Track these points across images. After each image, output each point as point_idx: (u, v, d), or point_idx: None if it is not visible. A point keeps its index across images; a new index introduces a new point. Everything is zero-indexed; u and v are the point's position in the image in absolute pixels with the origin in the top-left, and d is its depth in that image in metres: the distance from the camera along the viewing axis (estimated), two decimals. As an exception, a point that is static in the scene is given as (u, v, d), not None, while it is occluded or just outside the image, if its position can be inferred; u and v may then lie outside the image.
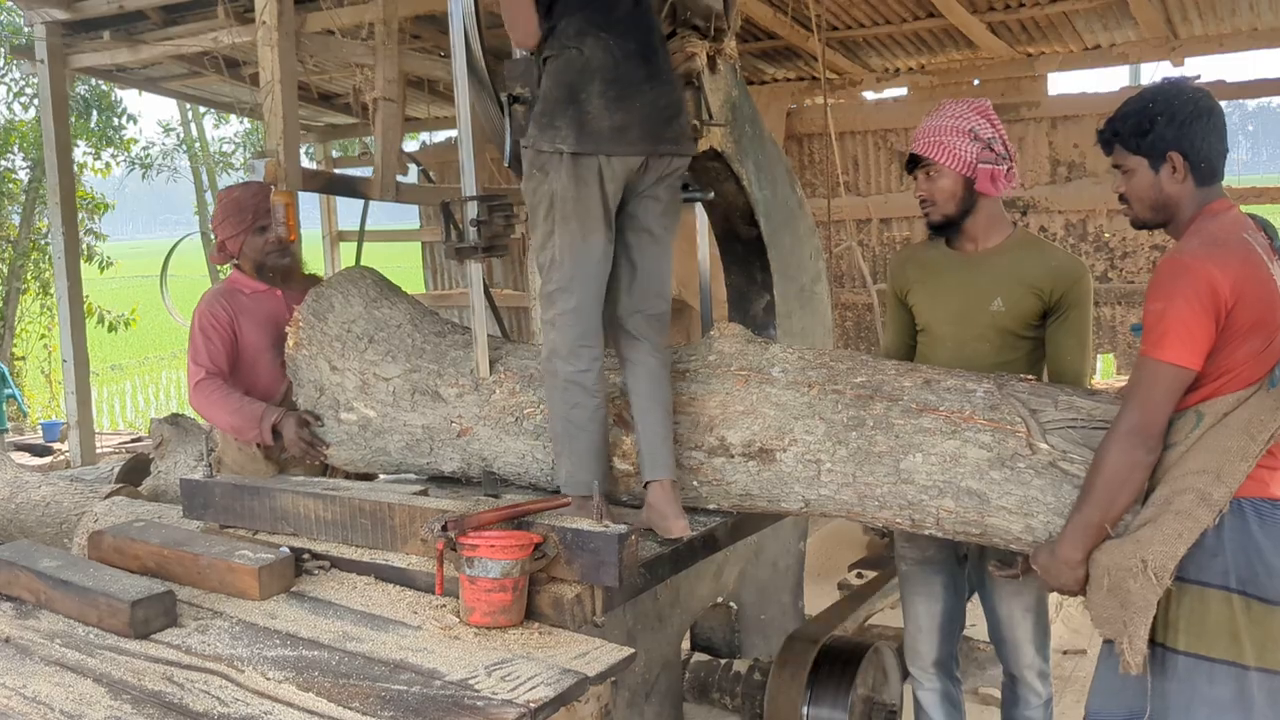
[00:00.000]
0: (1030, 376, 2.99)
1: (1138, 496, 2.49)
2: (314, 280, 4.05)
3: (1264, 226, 2.54)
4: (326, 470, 3.80)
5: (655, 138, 2.93)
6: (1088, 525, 2.51)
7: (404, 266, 12.13)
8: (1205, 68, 8.19)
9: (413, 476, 3.69)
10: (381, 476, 3.79)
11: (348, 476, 3.74)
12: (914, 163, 3.17)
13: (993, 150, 3.08)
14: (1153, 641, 2.49)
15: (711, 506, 3.20)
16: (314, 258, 4.10)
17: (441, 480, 3.61)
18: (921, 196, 3.17)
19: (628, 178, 2.97)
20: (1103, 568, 2.47)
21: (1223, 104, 2.71)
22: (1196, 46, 7.22)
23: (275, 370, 3.82)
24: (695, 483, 3.16)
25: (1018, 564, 2.90)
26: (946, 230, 3.19)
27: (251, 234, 3.87)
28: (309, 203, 8.96)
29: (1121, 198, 2.63)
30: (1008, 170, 3.10)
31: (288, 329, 3.73)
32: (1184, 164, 2.49)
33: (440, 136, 10.75)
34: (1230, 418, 2.43)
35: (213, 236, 4.14)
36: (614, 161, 2.93)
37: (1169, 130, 2.48)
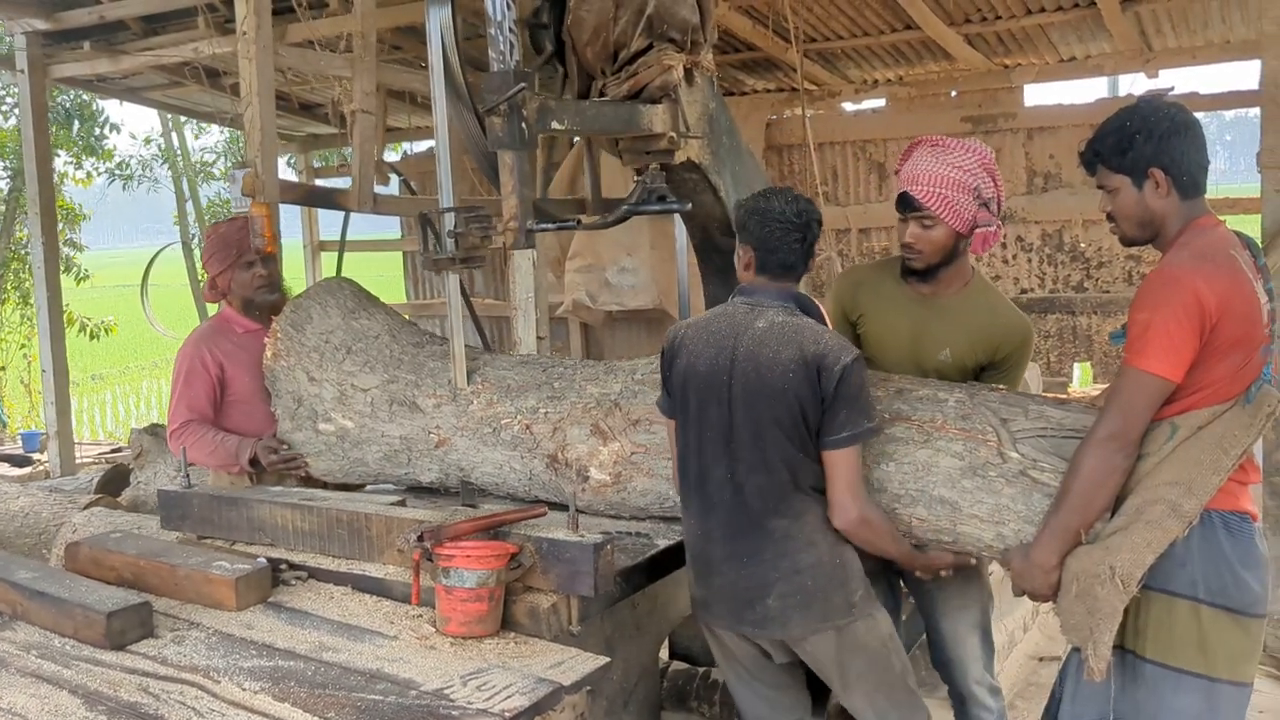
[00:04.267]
0: (1001, 386, 3.03)
1: (1112, 502, 2.52)
2: None
3: (1249, 244, 2.56)
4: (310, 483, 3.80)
5: (737, 618, 2.83)
6: (1064, 530, 2.53)
7: (385, 276, 12.13)
8: (1179, 80, 8.29)
9: (390, 487, 3.70)
10: (369, 488, 3.79)
11: (327, 487, 3.74)
12: (907, 204, 3.12)
13: (989, 210, 3.08)
14: (1123, 648, 2.53)
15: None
16: (295, 268, 4.09)
17: (420, 491, 3.63)
18: (909, 243, 3.13)
19: (741, 646, 2.91)
20: (1072, 573, 2.51)
21: (1200, 115, 2.75)
22: (1170, 59, 7.30)
23: (266, 413, 3.80)
24: (672, 491, 3.16)
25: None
26: (925, 275, 3.19)
27: (239, 269, 3.87)
28: (290, 213, 8.97)
29: (1109, 216, 2.66)
30: (996, 230, 3.13)
31: (265, 340, 3.74)
32: (1166, 179, 2.52)
33: (422, 146, 10.77)
34: (1204, 431, 2.46)
35: (201, 271, 4.15)
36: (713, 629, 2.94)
37: (1148, 147, 2.51)
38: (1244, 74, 6.76)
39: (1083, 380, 8.19)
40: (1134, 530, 2.44)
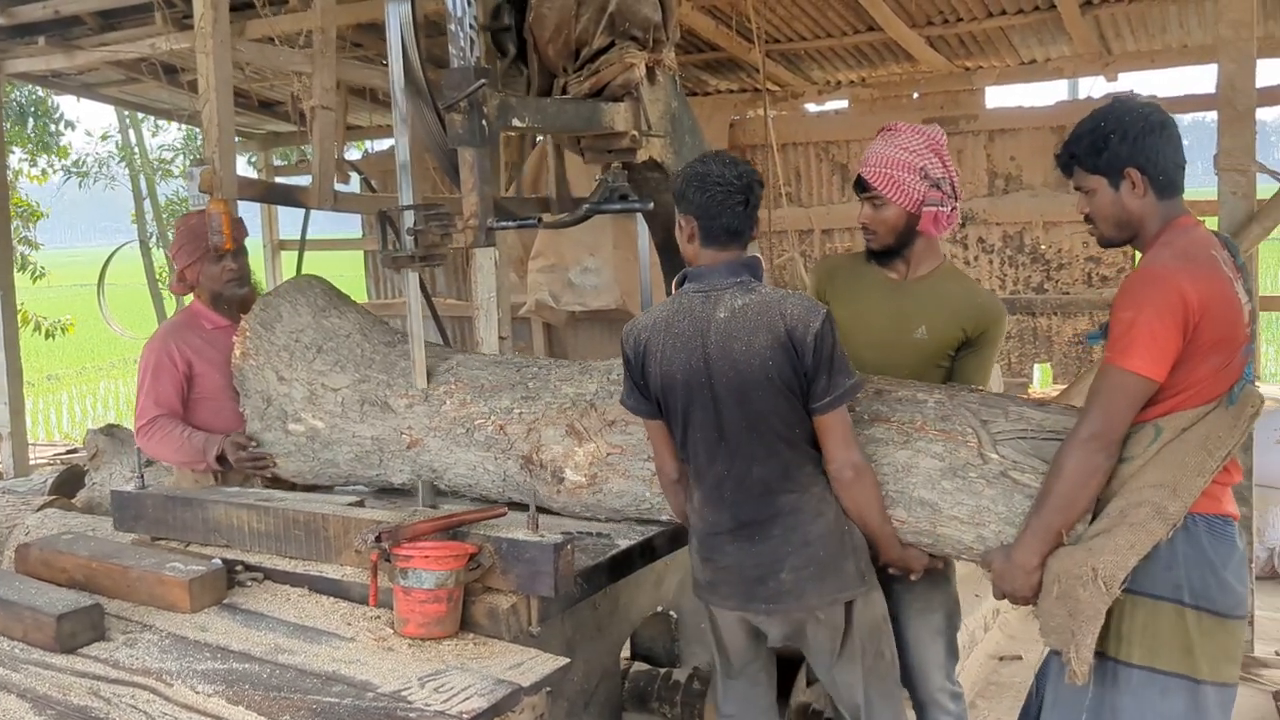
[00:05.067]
0: (980, 388, 3.04)
1: (1093, 502, 2.51)
2: None
3: (1227, 244, 2.56)
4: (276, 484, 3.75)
5: (747, 596, 2.80)
6: (1046, 530, 2.52)
7: (346, 275, 11.99)
8: (1138, 83, 8.35)
9: (363, 488, 3.65)
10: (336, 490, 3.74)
11: (295, 488, 3.69)
12: (861, 186, 3.17)
13: (940, 190, 3.10)
14: (1103, 655, 2.51)
15: (664, 517, 3.19)
16: (254, 267, 4.04)
17: (392, 493, 3.58)
18: (864, 223, 3.19)
19: (749, 629, 2.89)
20: (1054, 574, 2.49)
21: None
22: (1129, 62, 7.36)
23: (234, 410, 3.75)
24: (648, 493, 3.16)
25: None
26: (885, 257, 3.23)
27: (207, 262, 3.81)
28: (250, 212, 8.89)
29: (1087, 218, 2.65)
30: (950, 211, 3.14)
31: (234, 338, 3.68)
32: (1142, 179, 2.51)
33: (383, 144, 10.70)
34: (1188, 433, 2.45)
35: (170, 263, 4.09)
36: (714, 610, 2.90)
37: (1123, 147, 2.51)
38: (1201, 78, 6.85)
39: (1043, 381, 8.26)
40: (1117, 532, 2.43)
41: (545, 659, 2.48)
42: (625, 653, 3.61)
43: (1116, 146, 2.51)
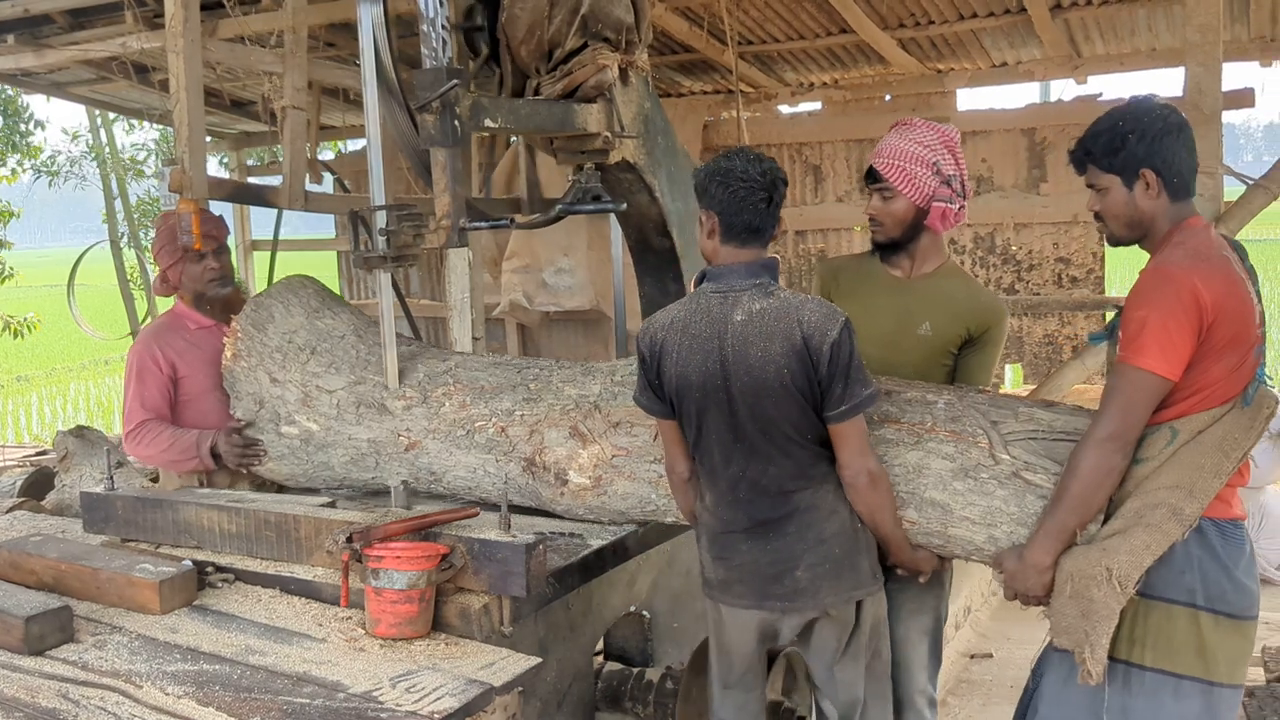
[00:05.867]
0: (987, 389, 3.04)
1: (1106, 502, 2.50)
2: None
3: (1235, 246, 2.55)
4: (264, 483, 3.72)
5: (761, 594, 2.78)
6: (1061, 530, 2.51)
7: (319, 276, 11.96)
8: (1107, 86, 8.43)
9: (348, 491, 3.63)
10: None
11: (285, 490, 3.66)
12: (872, 177, 3.17)
13: (950, 188, 3.10)
14: (1114, 658, 2.50)
15: (670, 520, 3.18)
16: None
17: (366, 494, 3.56)
18: (871, 214, 3.19)
19: (761, 629, 2.86)
20: (1066, 574, 2.47)
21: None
22: (1099, 65, 7.43)
23: (221, 411, 3.73)
24: (654, 495, 3.14)
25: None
26: (889, 250, 3.23)
27: (189, 262, 3.76)
28: (222, 212, 8.84)
29: (1096, 215, 2.64)
30: (959, 209, 3.14)
31: (225, 339, 3.65)
32: (1157, 180, 2.50)
33: (357, 145, 10.66)
34: (1205, 435, 2.44)
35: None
36: (723, 609, 2.87)
37: (1140, 147, 2.49)
38: (1169, 81, 6.91)
39: (1014, 382, 8.30)
40: (1133, 533, 2.41)
41: (517, 659, 2.49)
42: (599, 652, 3.62)
43: (1134, 147, 2.50)
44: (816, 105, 8.63)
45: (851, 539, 2.73)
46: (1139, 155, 2.50)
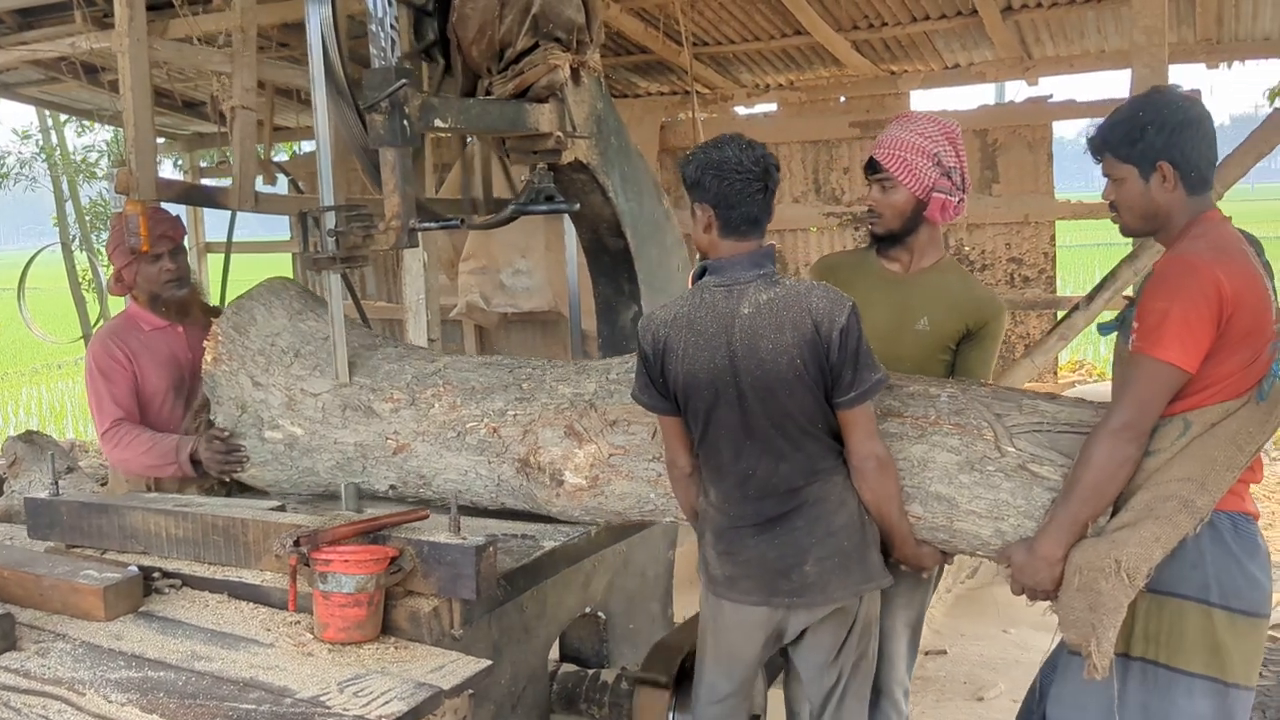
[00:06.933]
0: (989, 382, 3.04)
1: (1118, 494, 2.48)
2: (217, 314, 3.93)
3: (1251, 241, 2.54)
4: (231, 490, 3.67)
5: (770, 590, 2.74)
6: (1073, 521, 2.47)
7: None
8: (1057, 87, 8.54)
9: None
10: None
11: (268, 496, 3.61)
12: (873, 168, 3.16)
13: (950, 180, 3.11)
14: (1127, 655, 2.48)
15: (668, 520, 3.15)
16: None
17: (318, 498, 3.52)
18: (871, 205, 3.18)
19: (768, 626, 2.82)
20: (1075, 566, 2.44)
21: (1081, 123, 2.78)
22: (1049, 67, 7.51)
23: (176, 413, 3.68)
24: (653, 494, 3.10)
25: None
26: (887, 242, 3.22)
27: (145, 262, 3.71)
28: (177, 213, 8.73)
29: (1111, 205, 2.62)
30: (958, 202, 3.14)
31: (205, 343, 3.59)
32: (1174, 173, 2.48)
33: (311, 146, 10.56)
34: (1218, 428, 2.42)
35: (108, 262, 4.00)
36: (727, 607, 2.83)
37: (1159, 139, 2.47)
38: (1119, 82, 7.00)
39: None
40: (1143, 525, 2.39)
41: (467, 661, 2.47)
42: (554, 654, 3.61)
43: (1152, 138, 2.48)
44: (772, 107, 8.68)
45: (860, 531, 2.71)
46: (1157, 147, 2.48)
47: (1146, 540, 2.37)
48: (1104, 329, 2.71)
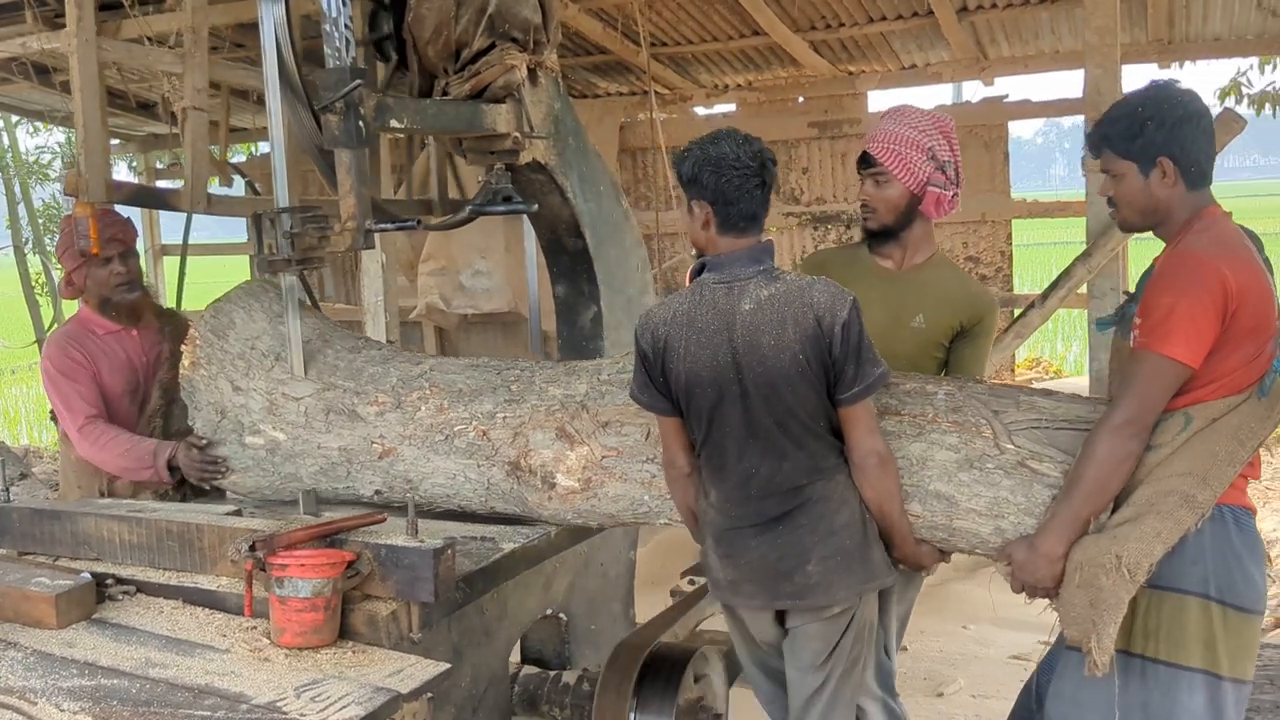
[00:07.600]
0: (984, 379, 3.03)
1: (1120, 489, 2.47)
2: (171, 317, 3.88)
3: (1251, 237, 2.54)
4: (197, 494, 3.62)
5: (772, 592, 2.72)
6: (1075, 518, 2.47)
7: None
8: (1012, 87, 8.65)
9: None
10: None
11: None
12: (866, 162, 3.14)
13: (945, 174, 3.09)
14: (1127, 652, 2.48)
15: (662, 522, 3.11)
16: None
17: (275, 504, 3.48)
18: (865, 200, 3.16)
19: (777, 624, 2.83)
20: (1076, 562, 2.43)
21: (1038, 123, 2.81)
22: (1004, 67, 7.59)
23: (130, 418, 3.63)
24: (647, 496, 3.07)
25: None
26: (881, 238, 3.20)
27: (95, 265, 3.65)
28: (131, 215, 8.63)
29: (1110, 201, 2.62)
30: (953, 197, 3.13)
31: (183, 348, 3.53)
32: (1174, 169, 2.47)
33: (268, 147, 10.48)
34: (1220, 423, 2.42)
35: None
36: (736, 612, 2.84)
37: (1159, 134, 2.46)
38: (1071, 83, 7.07)
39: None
40: (1144, 520, 2.39)
41: (426, 665, 2.46)
42: (515, 656, 3.60)
43: (1152, 134, 2.47)
44: (731, 107, 8.72)
45: (861, 530, 2.69)
46: (1157, 142, 2.47)
47: (1148, 536, 2.37)
48: (1102, 325, 2.71)
